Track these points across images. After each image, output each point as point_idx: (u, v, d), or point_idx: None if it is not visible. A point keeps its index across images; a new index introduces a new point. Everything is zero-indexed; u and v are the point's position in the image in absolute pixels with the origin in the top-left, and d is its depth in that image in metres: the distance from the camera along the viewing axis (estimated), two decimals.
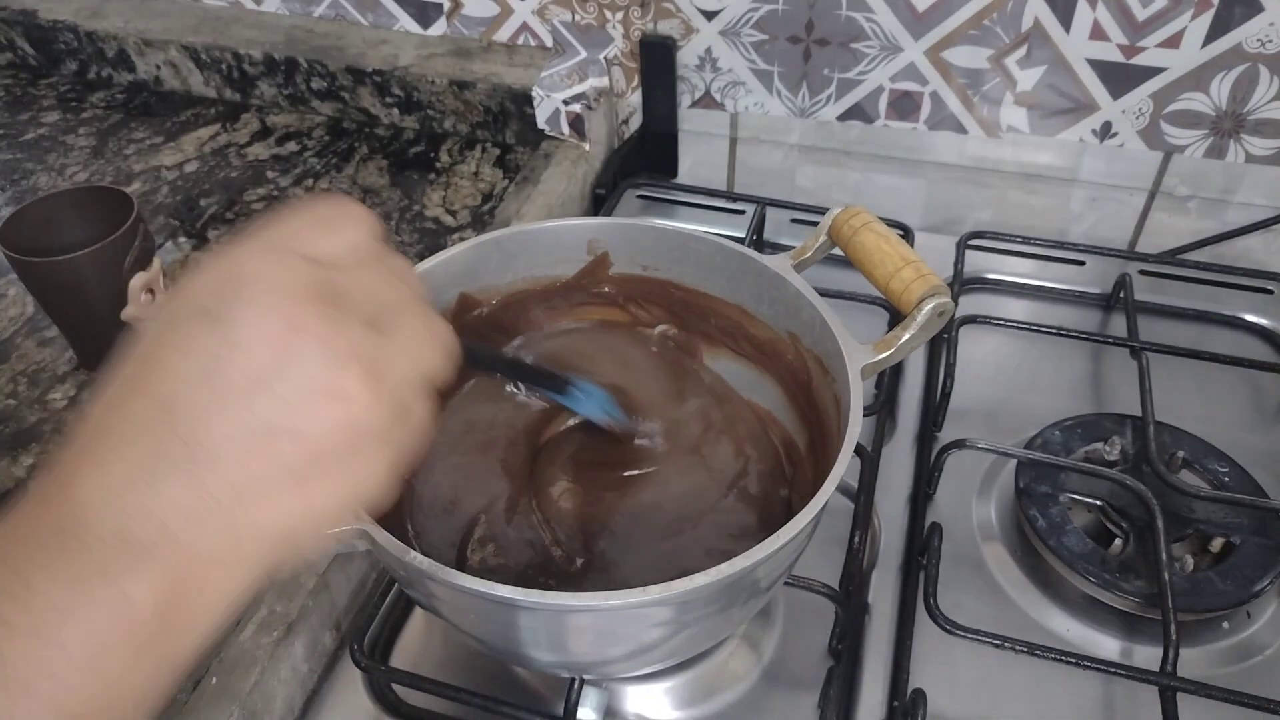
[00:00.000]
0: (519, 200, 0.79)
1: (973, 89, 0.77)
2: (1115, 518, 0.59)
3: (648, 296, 0.58)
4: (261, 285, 0.27)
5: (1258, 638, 0.56)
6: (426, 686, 0.51)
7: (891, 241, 0.49)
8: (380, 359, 0.29)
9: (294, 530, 0.28)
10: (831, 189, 0.87)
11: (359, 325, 0.29)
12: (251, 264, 0.28)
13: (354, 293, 0.29)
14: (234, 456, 0.26)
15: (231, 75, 0.93)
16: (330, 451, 0.28)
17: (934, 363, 0.71)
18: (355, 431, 0.28)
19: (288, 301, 0.27)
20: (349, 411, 0.28)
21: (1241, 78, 0.70)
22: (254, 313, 0.27)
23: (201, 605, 0.27)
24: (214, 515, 0.26)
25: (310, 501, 0.28)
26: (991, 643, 0.51)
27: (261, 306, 0.27)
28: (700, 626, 0.44)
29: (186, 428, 0.26)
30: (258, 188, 0.83)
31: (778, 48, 0.79)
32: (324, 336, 0.27)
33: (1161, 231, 0.81)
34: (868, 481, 0.58)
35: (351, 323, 0.28)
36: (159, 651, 0.26)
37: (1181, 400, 0.67)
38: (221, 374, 0.27)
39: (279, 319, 0.27)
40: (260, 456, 0.27)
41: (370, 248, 0.31)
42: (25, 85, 0.98)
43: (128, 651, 0.25)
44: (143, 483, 0.26)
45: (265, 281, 0.28)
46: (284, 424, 0.27)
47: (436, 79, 0.86)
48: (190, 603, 0.26)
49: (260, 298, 0.27)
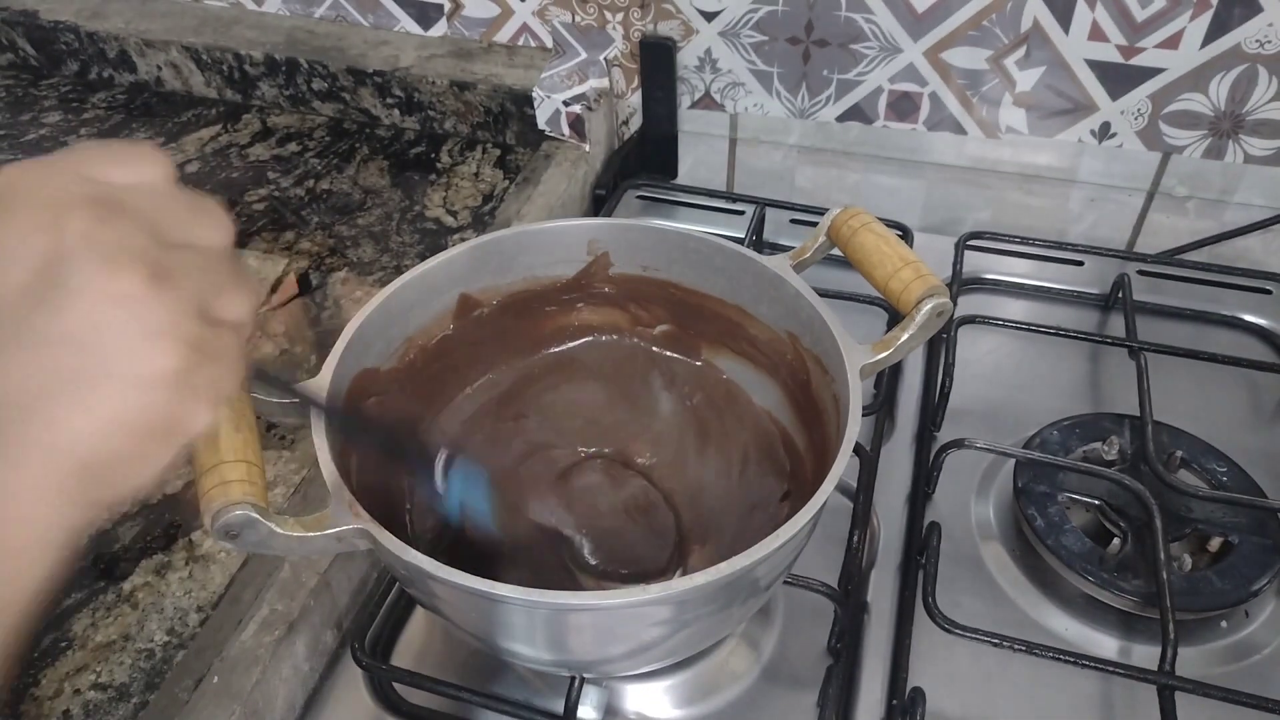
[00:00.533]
0: (519, 201, 0.79)
1: (972, 90, 0.77)
2: (1113, 517, 0.59)
3: (648, 297, 0.59)
4: (27, 196, 0.25)
5: (1256, 637, 0.56)
6: (427, 685, 0.51)
7: (890, 242, 0.49)
8: (163, 261, 0.26)
9: (98, 453, 0.26)
10: (831, 190, 0.87)
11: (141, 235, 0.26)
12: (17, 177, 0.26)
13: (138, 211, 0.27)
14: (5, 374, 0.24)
15: (232, 76, 0.93)
16: (109, 355, 0.25)
17: (933, 363, 0.72)
18: (132, 328, 0.25)
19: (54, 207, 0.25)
20: (120, 306, 0.25)
21: (1240, 78, 0.71)
22: (19, 222, 0.25)
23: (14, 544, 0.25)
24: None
25: (99, 416, 0.25)
26: (990, 642, 0.51)
27: (28, 215, 0.25)
28: (700, 625, 0.44)
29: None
30: (259, 188, 0.83)
31: (777, 49, 0.79)
32: (90, 233, 0.25)
33: (1160, 232, 0.81)
34: (867, 481, 0.59)
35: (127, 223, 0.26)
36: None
37: (1180, 400, 0.67)
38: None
39: (47, 224, 0.25)
40: (30, 369, 0.24)
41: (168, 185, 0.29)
42: (26, 86, 0.98)
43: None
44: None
45: (33, 193, 0.25)
46: (52, 329, 0.24)
47: (437, 80, 0.86)
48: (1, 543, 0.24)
49: (28, 207, 0.25)
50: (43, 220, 0.25)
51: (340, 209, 0.80)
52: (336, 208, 0.81)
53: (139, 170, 0.28)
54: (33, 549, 0.25)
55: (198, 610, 0.51)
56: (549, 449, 0.57)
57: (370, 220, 0.79)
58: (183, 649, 0.49)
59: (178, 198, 0.28)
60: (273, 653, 0.49)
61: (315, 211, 0.80)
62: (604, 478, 0.55)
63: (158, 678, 0.48)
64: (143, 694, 0.47)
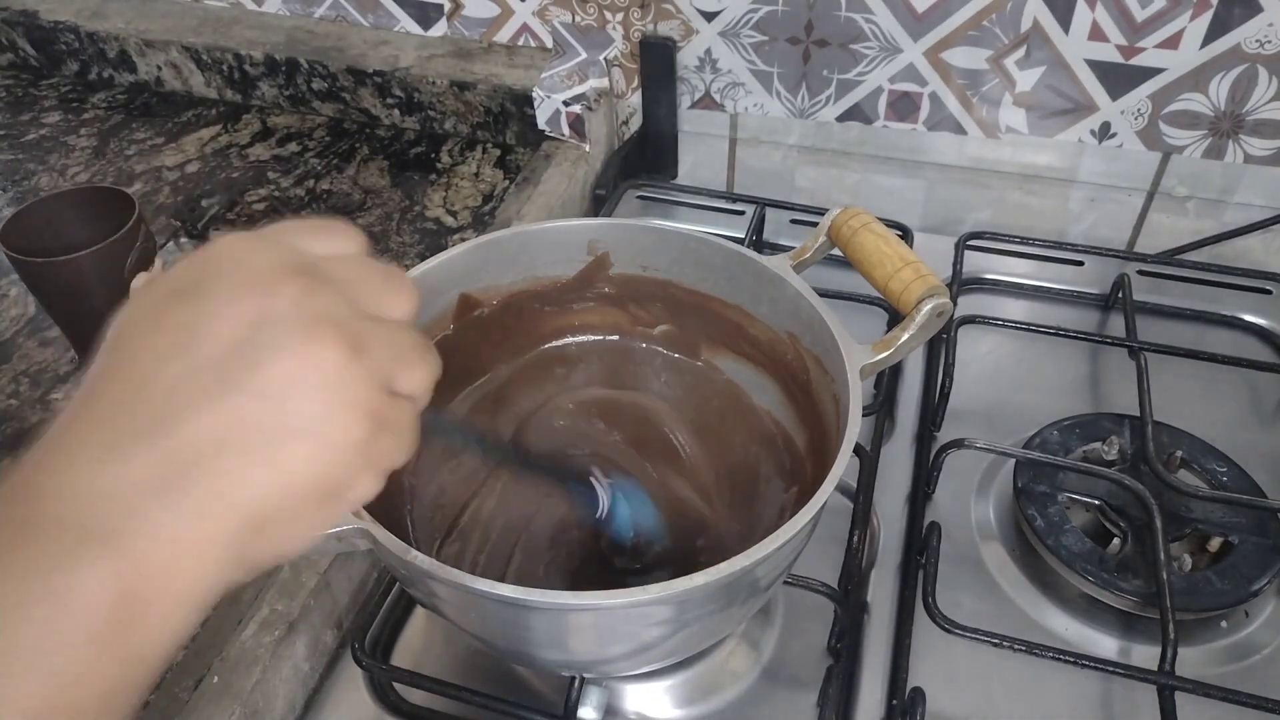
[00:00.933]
0: (519, 201, 0.79)
1: (972, 90, 0.77)
2: (1113, 517, 0.59)
3: (648, 296, 0.59)
4: (241, 263, 0.27)
5: (1256, 637, 0.56)
6: (428, 685, 0.51)
7: (890, 242, 0.49)
8: (362, 333, 0.27)
9: (267, 510, 0.26)
10: (831, 190, 0.87)
11: (343, 305, 0.27)
12: (232, 247, 0.27)
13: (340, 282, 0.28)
14: (198, 420, 0.25)
15: (233, 76, 0.93)
16: (301, 415, 0.26)
17: (933, 363, 0.72)
18: (327, 394, 0.26)
19: (267, 274, 0.26)
20: (322, 372, 0.26)
21: (1240, 78, 0.71)
22: (230, 285, 0.26)
23: (168, 597, 0.25)
24: (177, 488, 0.24)
25: (281, 473, 0.26)
26: (990, 642, 0.51)
27: (239, 279, 0.26)
28: (700, 625, 0.44)
29: (156, 402, 0.25)
30: (259, 188, 0.83)
31: (777, 49, 0.79)
32: (299, 300, 0.26)
33: (1160, 232, 0.81)
34: (867, 481, 0.59)
35: (332, 294, 0.27)
36: (123, 649, 0.24)
37: (1180, 400, 0.67)
38: (194, 345, 0.25)
39: (256, 288, 0.26)
40: (223, 417, 0.25)
41: (362, 253, 0.30)
42: (26, 86, 0.98)
43: (86, 648, 0.23)
44: (107, 464, 0.24)
45: (245, 260, 0.27)
46: (252, 385, 0.25)
47: (437, 80, 0.86)
48: (156, 595, 0.24)
49: (238, 273, 0.26)
50: (255, 285, 0.26)
51: (340, 209, 0.80)
52: (336, 208, 0.81)
53: (338, 243, 0.30)
54: (183, 602, 0.25)
55: None
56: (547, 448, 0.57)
57: (370, 220, 0.79)
58: (183, 649, 0.49)
59: (372, 268, 0.30)
60: (273, 653, 0.49)
61: (315, 211, 0.80)
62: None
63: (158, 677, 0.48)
64: None
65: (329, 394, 0.26)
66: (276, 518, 0.26)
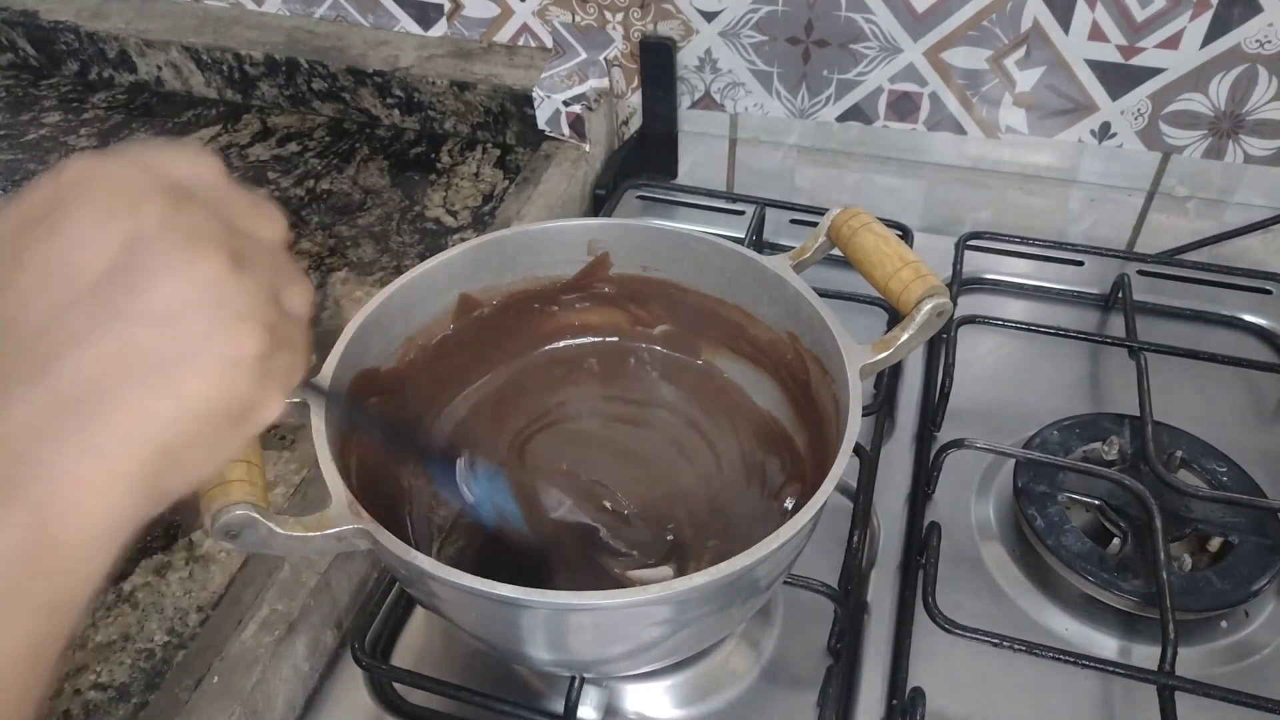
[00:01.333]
0: (520, 201, 0.79)
1: (972, 90, 0.77)
2: (1113, 517, 0.59)
3: (648, 296, 0.59)
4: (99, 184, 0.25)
5: (1256, 637, 0.56)
6: (427, 685, 0.51)
7: (890, 242, 0.49)
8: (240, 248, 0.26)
9: (172, 439, 0.25)
10: (831, 190, 0.87)
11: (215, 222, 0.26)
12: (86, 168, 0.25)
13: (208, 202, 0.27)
14: (86, 354, 0.24)
15: (233, 76, 0.93)
16: (192, 336, 0.25)
17: (933, 363, 0.72)
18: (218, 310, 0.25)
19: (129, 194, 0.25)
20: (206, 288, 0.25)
21: (1240, 78, 0.71)
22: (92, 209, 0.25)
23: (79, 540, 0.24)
24: (70, 426, 0.23)
25: (180, 399, 0.25)
26: (990, 642, 0.51)
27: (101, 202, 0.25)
28: (700, 625, 0.44)
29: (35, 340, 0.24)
30: (259, 188, 0.83)
31: (777, 49, 0.79)
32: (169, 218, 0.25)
33: (1160, 232, 0.81)
34: (866, 481, 0.59)
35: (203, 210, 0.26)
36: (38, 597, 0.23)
37: (1180, 400, 0.67)
38: (64, 277, 0.24)
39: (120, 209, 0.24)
40: (108, 348, 0.24)
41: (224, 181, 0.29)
42: (26, 86, 0.98)
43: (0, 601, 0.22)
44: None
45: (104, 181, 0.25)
46: (133, 310, 0.24)
47: (437, 80, 0.86)
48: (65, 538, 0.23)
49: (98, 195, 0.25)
50: (119, 207, 0.25)
51: (340, 209, 0.80)
52: (336, 208, 0.81)
53: (196, 165, 0.28)
54: (96, 543, 0.24)
55: (198, 610, 0.51)
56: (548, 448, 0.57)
57: (370, 220, 0.79)
58: (183, 649, 0.49)
59: (236, 192, 0.28)
60: (273, 653, 0.49)
61: (315, 211, 0.80)
62: (609, 470, 0.55)
63: (158, 678, 0.48)
64: (143, 694, 0.47)
65: (217, 310, 0.25)
66: (184, 445, 0.25)
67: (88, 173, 0.25)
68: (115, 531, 0.25)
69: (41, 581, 0.23)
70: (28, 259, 0.24)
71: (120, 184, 0.25)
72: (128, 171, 0.26)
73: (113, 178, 0.25)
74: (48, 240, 0.24)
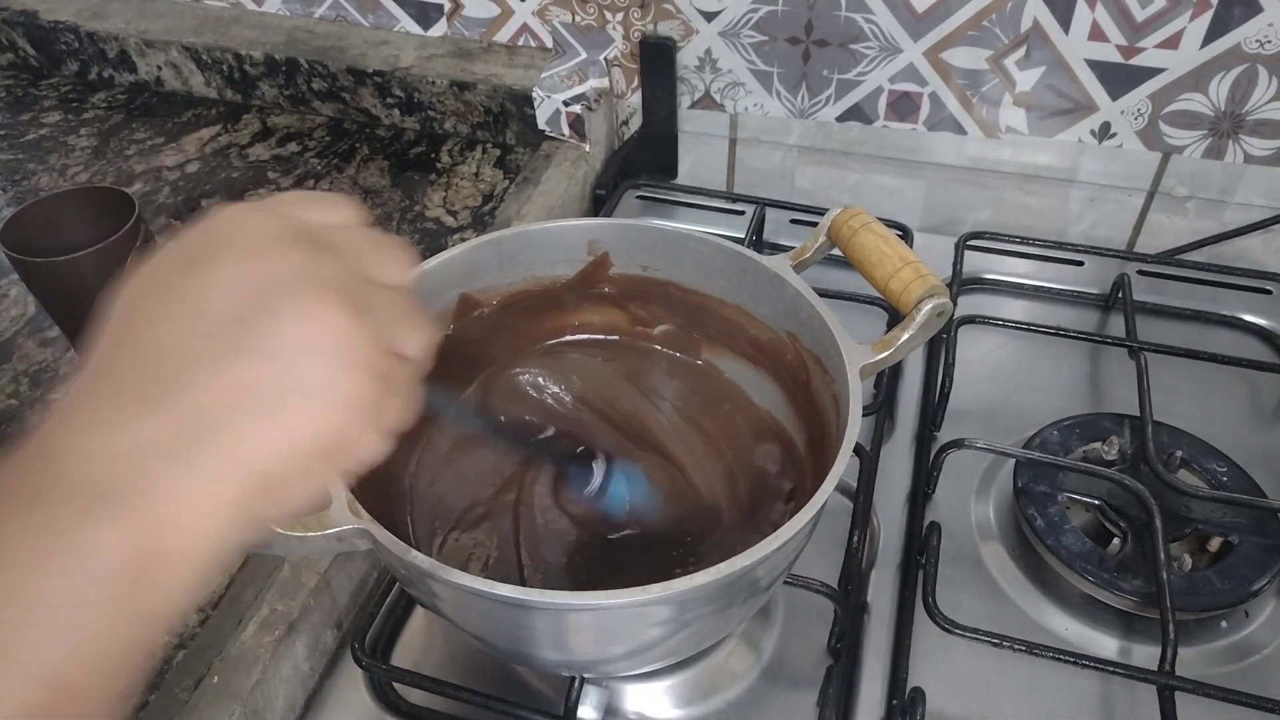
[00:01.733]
0: (519, 201, 0.79)
1: (972, 90, 0.77)
2: (1113, 517, 0.59)
3: (648, 297, 0.59)
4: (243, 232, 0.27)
5: (1256, 637, 0.56)
6: (427, 685, 0.51)
7: (890, 242, 0.49)
8: (363, 296, 0.28)
9: (276, 469, 0.27)
10: (831, 190, 0.87)
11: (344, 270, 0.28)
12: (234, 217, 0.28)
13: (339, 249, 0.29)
14: (207, 383, 0.26)
15: (233, 76, 0.93)
16: (309, 376, 0.26)
17: (933, 363, 0.72)
18: (334, 355, 0.27)
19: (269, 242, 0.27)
20: (327, 334, 0.27)
21: (1240, 78, 0.71)
22: (234, 253, 0.27)
23: (182, 555, 0.25)
24: (186, 448, 0.25)
25: (290, 433, 0.26)
26: (990, 642, 0.51)
27: (243, 247, 0.27)
28: (700, 625, 0.44)
29: (166, 368, 0.26)
30: (259, 188, 0.83)
31: (777, 49, 0.79)
32: (301, 266, 0.27)
33: (1160, 232, 0.81)
34: (867, 481, 0.59)
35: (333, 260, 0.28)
36: (139, 605, 0.25)
37: (1180, 400, 0.67)
38: (202, 312, 0.26)
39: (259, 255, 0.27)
40: (232, 380, 0.26)
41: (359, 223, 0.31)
42: (26, 86, 0.98)
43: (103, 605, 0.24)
44: (120, 427, 0.25)
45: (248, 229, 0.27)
46: (258, 348, 0.26)
47: (437, 80, 0.86)
48: (170, 552, 0.25)
49: (242, 241, 0.27)
50: (258, 252, 0.27)
51: None
52: None
53: (335, 213, 0.31)
54: (196, 560, 0.26)
55: (198, 610, 0.51)
56: None
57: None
58: (183, 649, 0.49)
59: (369, 236, 0.31)
60: (273, 653, 0.49)
61: None
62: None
63: (158, 678, 0.48)
64: (143, 694, 0.47)
65: (336, 355, 0.27)
66: (285, 476, 0.27)
67: (234, 220, 0.28)
68: (214, 551, 0.26)
69: (146, 589, 0.25)
70: (176, 295, 0.27)
71: (261, 231, 0.28)
72: (269, 220, 0.28)
73: (255, 225, 0.28)
74: (194, 279, 0.27)
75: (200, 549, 0.26)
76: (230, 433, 0.26)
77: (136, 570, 0.24)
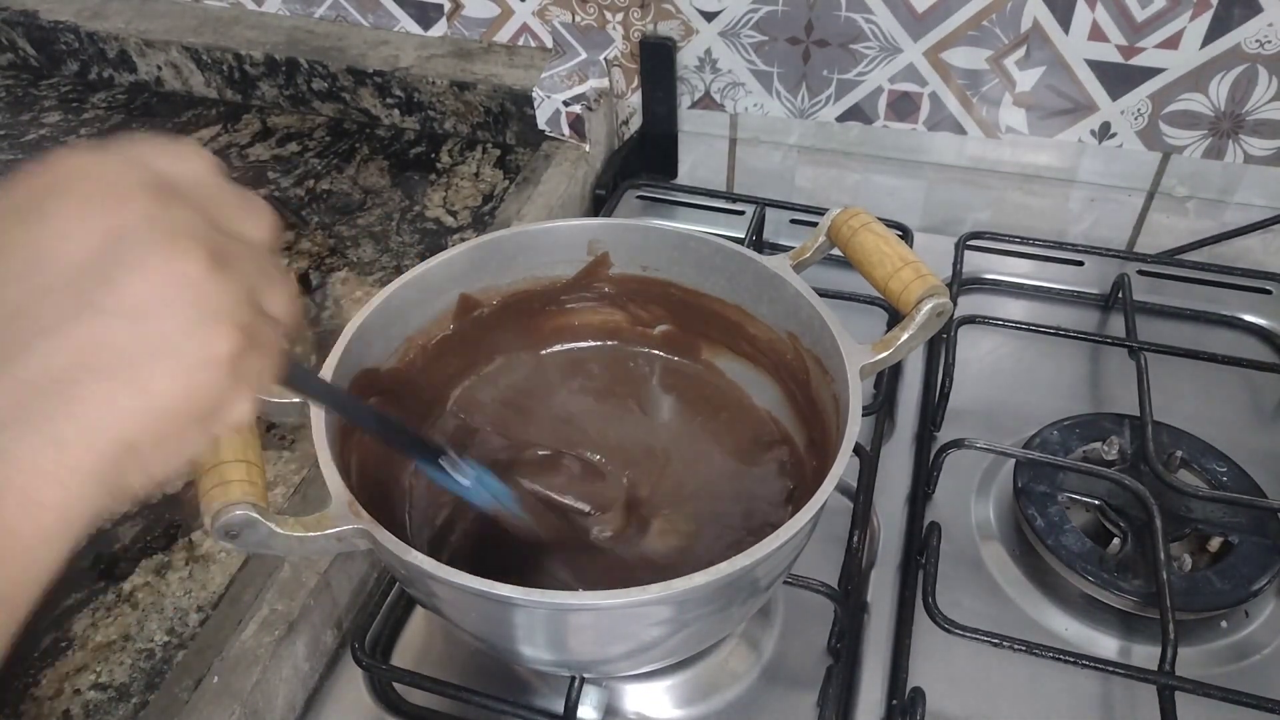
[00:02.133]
0: (519, 201, 0.79)
1: (972, 90, 0.77)
2: (1113, 517, 0.59)
3: (648, 296, 0.59)
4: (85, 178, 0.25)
5: (1256, 637, 0.56)
6: (427, 685, 0.51)
7: (890, 242, 0.49)
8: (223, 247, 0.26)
9: (135, 435, 0.25)
10: (831, 190, 0.87)
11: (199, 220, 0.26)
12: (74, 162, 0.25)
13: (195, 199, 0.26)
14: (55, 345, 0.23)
15: (232, 76, 0.93)
16: (164, 333, 0.24)
17: (933, 363, 0.72)
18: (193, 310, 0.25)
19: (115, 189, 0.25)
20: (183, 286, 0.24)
21: (1240, 78, 0.71)
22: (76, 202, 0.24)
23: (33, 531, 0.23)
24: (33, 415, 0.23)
25: (147, 396, 0.24)
26: (990, 641, 0.51)
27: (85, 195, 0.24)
28: (700, 625, 0.44)
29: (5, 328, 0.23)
30: (259, 188, 0.83)
31: (777, 49, 0.79)
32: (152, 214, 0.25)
33: (1160, 232, 0.81)
34: (866, 481, 0.59)
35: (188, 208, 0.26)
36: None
37: (1180, 400, 0.67)
38: (42, 268, 0.24)
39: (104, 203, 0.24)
40: (79, 340, 0.23)
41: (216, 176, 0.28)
42: (26, 86, 0.98)
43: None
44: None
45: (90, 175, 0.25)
46: (108, 304, 0.24)
47: (437, 80, 0.86)
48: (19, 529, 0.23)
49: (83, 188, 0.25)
50: (103, 201, 0.25)
51: (340, 209, 0.80)
52: (336, 208, 0.81)
53: (188, 162, 0.28)
54: (52, 535, 0.24)
55: (198, 610, 0.51)
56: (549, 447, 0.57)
57: (370, 220, 0.79)
58: (183, 649, 0.49)
59: (226, 190, 0.28)
60: (273, 653, 0.49)
61: (315, 211, 0.80)
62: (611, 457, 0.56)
63: (158, 678, 0.48)
64: (143, 694, 0.47)
65: (192, 309, 0.25)
66: (146, 442, 0.25)
67: (76, 166, 0.25)
68: (69, 524, 0.24)
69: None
70: (7, 247, 0.24)
71: (107, 178, 0.25)
72: (116, 166, 0.26)
73: (100, 172, 0.25)
74: (29, 230, 0.24)
75: (53, 522, 0.24)
76: (79, 398, 0.23)
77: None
